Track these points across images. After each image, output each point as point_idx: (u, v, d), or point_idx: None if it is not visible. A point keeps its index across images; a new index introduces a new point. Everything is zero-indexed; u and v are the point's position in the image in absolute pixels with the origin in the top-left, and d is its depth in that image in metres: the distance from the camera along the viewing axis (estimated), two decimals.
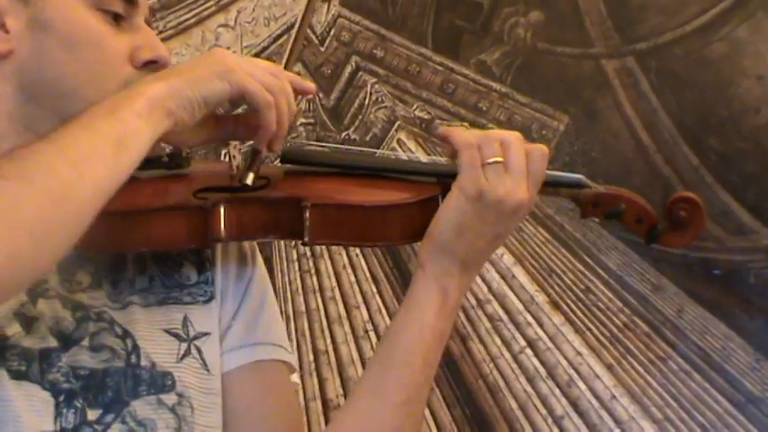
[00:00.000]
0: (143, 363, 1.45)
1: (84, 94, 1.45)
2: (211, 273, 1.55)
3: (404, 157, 1.63)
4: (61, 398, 1.39)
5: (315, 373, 2.66)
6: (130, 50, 1.48)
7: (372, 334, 2.67)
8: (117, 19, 1.48)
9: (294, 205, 1.47)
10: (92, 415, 1.41)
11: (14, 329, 1.39)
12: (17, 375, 1.37)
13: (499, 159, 1.49)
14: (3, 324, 1.38)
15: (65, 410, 1.39)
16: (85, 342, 1.43)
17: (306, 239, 1.48)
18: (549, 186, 1.54)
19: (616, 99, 2.65)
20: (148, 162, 1.52)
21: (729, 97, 2.56)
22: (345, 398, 2.63)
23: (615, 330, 2.57)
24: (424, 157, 1.65)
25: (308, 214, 1.46)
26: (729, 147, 2.55)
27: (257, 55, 2.79)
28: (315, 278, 2.70)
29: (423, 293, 1.52)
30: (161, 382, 1.45)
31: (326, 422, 2.63)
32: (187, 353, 1.49)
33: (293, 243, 2.65)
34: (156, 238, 1.45)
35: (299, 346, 2.68)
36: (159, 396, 1.45)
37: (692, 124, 2.58)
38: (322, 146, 1.65)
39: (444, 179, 1.53)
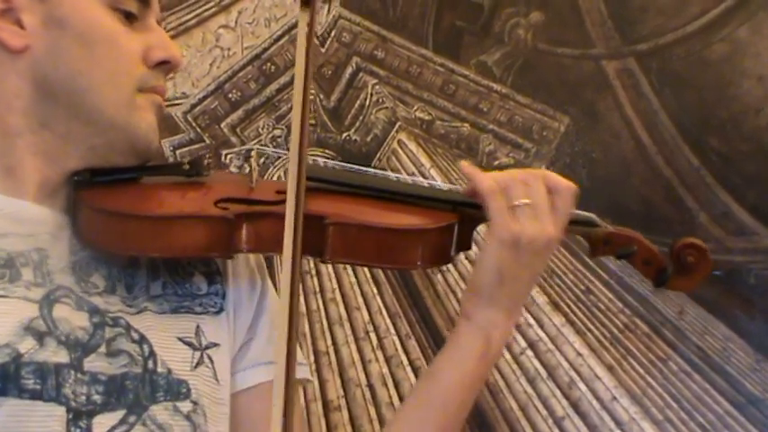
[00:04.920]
0: (159, 369, 1.45)
1: (99, 91, 1.46)
2: (222, 285, 1.56)
3: (423, 182, 1.64)
4: (71, 415, 1.38)
5: (315, 375, 2.66)
6: (144, 50, 1.50)
7: (373, 335, 2.66)
8: (130, 18, 1.49)
9: (316, 222, 1.47)
10: (113, 419, 1.41)
11: (27, 345, 1.38)
12: (32, 395, 1.37)
13: (526, 201, 1.51)
14: (14, 341, 1.38)
15: (73, 427, 1.38)
16: (102, 349, 1.43)
17: (325, 257, 1.49)
18: None
19: (617, 100, 2.64)
20: (169, 168, 1.53)
21: (730, 98, 2.55)
22: (346, 399, 2.63)
23: (616, 331, 2.57)
24: (441, 184, 1.66)
25: (329, 232, 1.47)
26: (730, 147, 2.55)
27: (258, 56, 2.80)
28: (315, 279, 2.70)
29: (467, 343, 1.55)
30: (177, 390, 1.46)
31: (327, 423, 2.63)
32: (200, 362, 1.50)
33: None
34: (177, 246, 1.46)
35: (300, 348, 2.67)
36: (175, 403, 1.45)
37: (692, 125, 2.58)
38: (342, 166, 1.65)
39: (461, 208, 1.55)
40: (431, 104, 2.76)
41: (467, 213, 1.55)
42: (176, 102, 2.76)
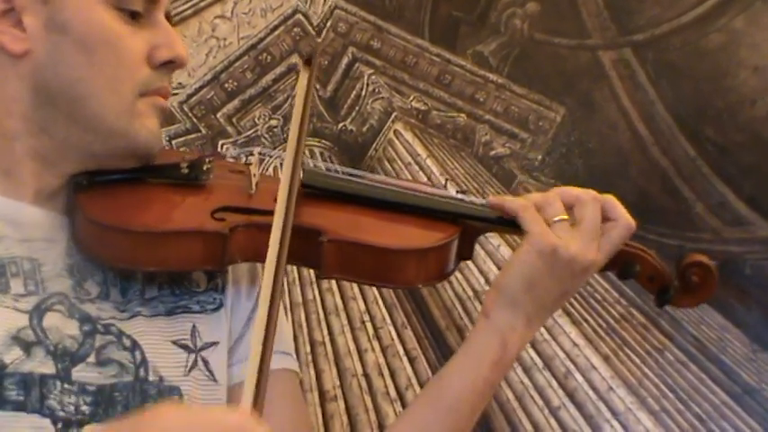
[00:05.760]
0: (151, 377, 1.44)
1: (99, 98, 1.44)
2: (221, 280, 1.54)
3: (428, 189, 1.61)
4: (59, 425, 1.37)
5: (312, 365, 2.66)
6: (148, 49, 1.47)
7: (369, 325, 2.67)
8: (135, 17, 1.46)
9: (312, 236, 1.46)
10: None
11: (13, 355, 1.37)
12: (15, 407, 1.36)
13: (564, 217, 1.50)
14: (0, 351, 1.37)
15: None
16: (92, 358, 1.41)
17: (320, 273, 1.48)
18: None
19: (613, 90, 2.65)
20: (168, 170, 1.50)
21: (726, 88, 2.56)
22: (342, 389, 2.63)
23: (612, 321, 2.57)
24: (446, 192, 1.63)
25: (325, 249, 1.46)
26: (726, 138, 2.55)
27: (254, 46, 2.79)
28: (311, 269, 2.69)
29: (483, 344, 1.53)
30: (168, 397, 1.44)
31: (323, 413, 2.63)
32: (194, 365, 1.48)
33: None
34: (172, 260, 1.44)
35: (296, 338, 2.67)
36: None
37: (688, 115, 2.58)
38: (343, 171, 1.62)
39: (464, 220, 1.54)
40: (427, 95, 2.76)
41: (469, 225, 1.54)
42: (172, 92, 2.75)
